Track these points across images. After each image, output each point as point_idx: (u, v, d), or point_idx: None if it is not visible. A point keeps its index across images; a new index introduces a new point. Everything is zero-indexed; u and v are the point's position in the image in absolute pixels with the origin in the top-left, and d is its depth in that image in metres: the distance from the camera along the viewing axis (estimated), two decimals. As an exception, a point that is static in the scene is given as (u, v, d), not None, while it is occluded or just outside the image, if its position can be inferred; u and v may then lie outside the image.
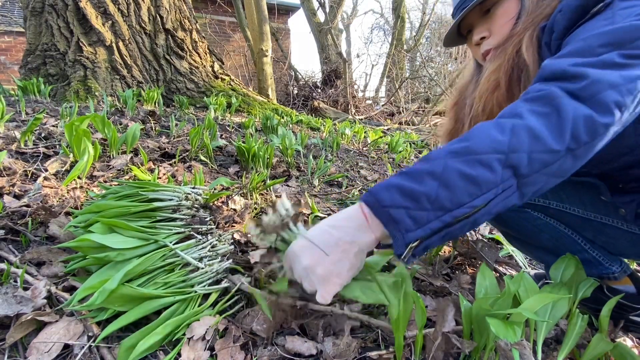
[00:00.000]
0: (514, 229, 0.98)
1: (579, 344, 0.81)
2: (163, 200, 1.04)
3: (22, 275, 0.79)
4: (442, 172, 0.53)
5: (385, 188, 0.55)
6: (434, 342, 0.72)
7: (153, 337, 0.70)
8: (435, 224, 0.53)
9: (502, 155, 0.52)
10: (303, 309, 0.85)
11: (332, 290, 0.58)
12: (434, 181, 0.53)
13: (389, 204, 0.54)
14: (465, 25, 0.91)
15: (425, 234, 0.53)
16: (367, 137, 4.00)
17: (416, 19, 16.26)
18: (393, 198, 0.54)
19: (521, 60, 0.75)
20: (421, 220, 0.53)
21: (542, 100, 0.55)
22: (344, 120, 6.00)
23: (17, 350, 0.68)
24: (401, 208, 0.53)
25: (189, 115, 3.26)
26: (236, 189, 1.59)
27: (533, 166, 0.52)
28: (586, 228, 0.90)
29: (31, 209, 1.08)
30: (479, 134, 0.55)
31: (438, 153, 0.55)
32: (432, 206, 0.52)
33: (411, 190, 0.53)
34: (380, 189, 0.56)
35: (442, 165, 0.53)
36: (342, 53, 8.72)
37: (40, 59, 3.49)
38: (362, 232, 0.56)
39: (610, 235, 0.87)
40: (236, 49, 10.18)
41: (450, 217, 0.52)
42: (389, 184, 0.55)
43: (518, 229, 0.98)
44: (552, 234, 0.93)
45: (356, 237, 0.56)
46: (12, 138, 1.67)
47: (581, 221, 0.89)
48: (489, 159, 0.52)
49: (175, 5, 4.06)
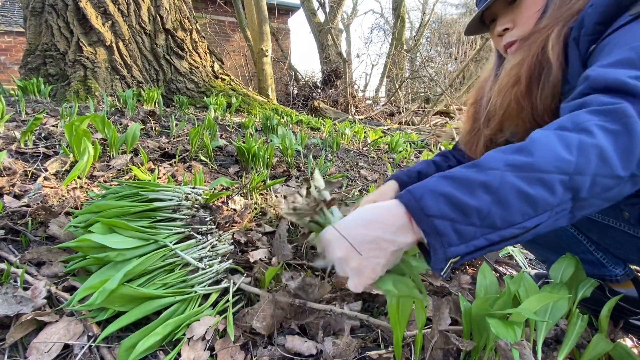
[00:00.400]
0: None
1: (579, 344, 0.81)
2: (163, 200, 1.04)
3: (22, 275, 0.79)
4: (498, 186, 0.48)
5: (432, 195, 0.50)
6: (431, 341, 0.72)
7: (153, 337, 0.70)
8: (481, 242, 0.49)
9: (566, 177, 0.48)
10: (303, 309, 0.85)
11: (365, 282, 0.55)
12: (488, 195, 0.48)
13: (434, 214, 0.49)
14: (489, 14, 0.88)
15: (468, 251, 0.50)
16: (367, 137, 4.00)
17: (416, 19, 16.26)
18: (440, 208, 0.49)
19: (545, 57, 0.72)
20: (467, 236, 0.49)
21: (612, 116, 0.50)
22: (344, 120, 6.00)
23: (17, 350, 0.68)
24: (447, 220, 0.49)
25: (189, 115, 3.26)
26: (236, 189, 1.59)
27: (594, 190, 0.49)
28: (592, 229, 0.89)
29: (31, 209, 1.08)
30: (542, 148, 0.50)
31: (494, 162, 0.51)
32: (481, 223, 0.48)
33: (461, 203, 0.49)
34: (425, 193, 0.51)
35: (499, 179, 0.49)
36: (342, 53, 8.72)
37: (40, 59, 3.49)
38: (404, 233, 0.52)
39: (615, 238, 0.86)
40: (236, 49, 10.17)
41: (498, 236, 0.49)
42: (436, 191, 0.50)
43: None
44: (558, 233, 0.93)
45: (397, 237, 0.52)
46: (12, 138, 1.67)
47: (588, 222, 0.88)
48: (552, 179, 0.48)
49: (175, 5, 4.06)
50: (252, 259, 1.08)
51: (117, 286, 0.72)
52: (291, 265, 1.13)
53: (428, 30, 13.01)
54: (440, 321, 0.77)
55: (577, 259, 0.87)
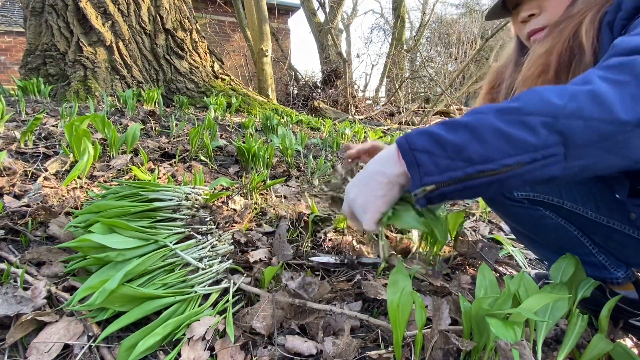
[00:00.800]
0: (523, 224, 0.96)
1: (579, 344, 0.81)
2: (163, 201, 1.04)
3: (22, 275, 0.79)
4: (478, 125, 0.51)
5: (419, 133, 0.56)
6: (431, 341, 0.72)
7: (153, 337, 0.70)
8: (456, 174, 0.52)
9: (550, 119, 0.48)
10: (303, 309, 0.85)
11: (372, 217, 0.62)
12: (467, 133, 0.52)
13: (416, 148, 0.54)
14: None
15: (443, 180, 0.53)
16: (367, 137, 4.00)
17: (416, 19, 16.26)
18: (423, 144, 0.54)
19: (576, 43, 0.69)
20: (443, 166, 0.53)
21: (620, 68, 0.49)
22: (344, 120, 6.00)
23: (17, 350, 0.68)
24: (426, 152, 0.53)
25: (189, 115, 3.26)
26: (236, 189, 1.59)
27: (589, 137, 0.47)
28: (596, 232, 0.88)
29: (31, 209, 1.08)
30: (533, 95, 0.51)
31: (485, 108, 0.53)
32: (457, 156, 0.52)
33: (441, 138, 0.53)
34: (415, 133, 0.56)
35: (481, 120, 0.52)
36: (342, 53, 8.72)
37: (40, 59, 3.49)
38: (392, 166, 0.59)
39: (619, 241, 0.85)
40: (236, 49, 10.17)
41: (474, 169, 0.51)
42: (425, 130, 0.56)
43: (527, 226, 0.96)
44: (560, 234, 0.92)
45: (386, 169, 0.60)
46: (12, 138, 1.67)
47: (592, 224, 0.87)
48: (534, 121, 0.48)
49: (175, 5, 4.06)
50: (252, 259, 1.08)
51: (117, 286, 0.72)
52: (291, 265, 1.13)
53: (428, 30, 13.01)
54: (440, 321, 0.77)
55: (577, 258, 0.87)
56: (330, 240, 1.29)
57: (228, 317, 0.79)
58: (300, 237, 1.29)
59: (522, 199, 0.88)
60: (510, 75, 0.91)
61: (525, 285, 0.79)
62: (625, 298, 0.92)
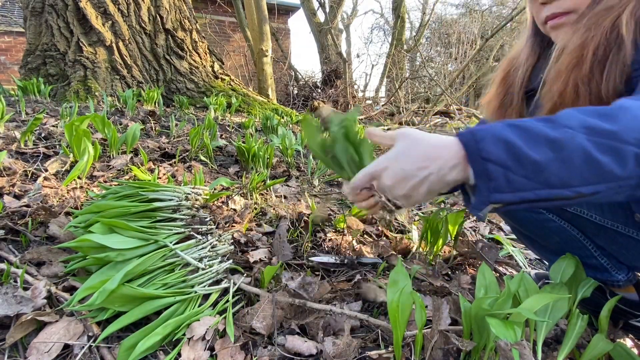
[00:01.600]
0: (526, 226, 0.95)
1: (579, 344, 0.81)
2: (163, 201, 1.04)
3: (22, 275, 0.79)
4: (565, 144, 0.46)
5: (493, 139, 0.49)
6: (431, 341, 0.72)
7: (153, 338, 0.70)
8: (529, 195, 0.47)
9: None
10: (303, 309, 0.85)
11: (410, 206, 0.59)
12: (551, 152, 0.46)
13: (489, 158, 0.48)
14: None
15: (514, 201, 0.48)
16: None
17: (416, 19, 16.25)
18: (498, 153, 0.48)
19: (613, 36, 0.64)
20: (517, 186, 0.47)
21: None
22: (344, 120, 5.99)
23: (17, 351, 0.68)
24: (501, 166, 0.47)
25: (189, 115, 3.26)
26: (236, 189, 1.59)
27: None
28: (600, 235, 0.87)
29: (31, 209, 1.08)
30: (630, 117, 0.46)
31: (571, 120, 0.48)
32: (535, 176, 0.47)
33: (520, 152, 0.47)
34: (486, 136, 0.49)
35: (570, 139, 0.46)
36: (342, 53, 8.72)
37: (40, 59, 3.49)
38: (453, 172, 0.52)
39: (623, 244, 0.84)
40: (236, 49, 10.17)
41: (548, 194, 0.47)
42: (499, 136, 0.48)
43: (529, 228, 0.95)
44: (563, 236, 0.91)
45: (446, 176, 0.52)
46: (12, 138, 1.67)
47: (596, 227, 0.86)
48: (628, 151, 0.44)
49: (175, 5, 4.06)
50: (252, 259, 1.08)
51: (117, 286, 0.72)
52: (291, 265, 1.13)
53: (428, 30, 13.02)
54: (440, 321, 0.77)
55: (577, 259, 0.87)
56: (330, 240, 1.29)
57: (228, 317, 0.79)
58: (300, 237, 1.29)
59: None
60: (525, 60, 0.87)
61: (525, 285, 0.79)
62: (625, 299, 0.92)
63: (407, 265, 1.17)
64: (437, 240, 1.20)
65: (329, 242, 1.28)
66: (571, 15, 0.71)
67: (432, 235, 1.20)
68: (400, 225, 1.53)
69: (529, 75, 0.87)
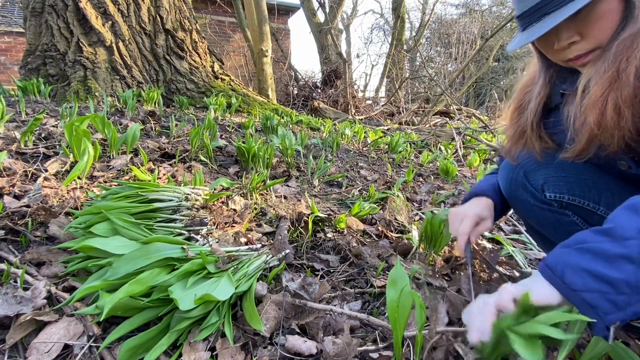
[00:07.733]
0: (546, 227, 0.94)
1: (579, 344, 0.81)
2: (163, 201, 1.04)
3: (22, 275, 0.79)
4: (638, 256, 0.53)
5: (573, 271, 0.56)
6: (429, 342, 0.72)
7: (158, 350, 0.69)
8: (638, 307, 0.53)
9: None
10: (303, 309, 0.85)
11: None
12: (631, 266, 0.53)
13: (581, 289, 0.55)
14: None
15: (627, 317, 0.54)
16: (367, 137, 4.00)
17: (416, 19, 16.26)
18: (586, 283, 0.54)
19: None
20: (621, 304, 0.53)
21: None
22: (344, 120, 6.00)
23: (17, 351, 0.68)
24: (596, 292, 0.54)
25: (189, 115, 3.26)
26: (236, 189, 1.59)
27: None
28: None
29: (31, 209, 1.08)
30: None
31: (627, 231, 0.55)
32: (632, 291, 0.53)
33: (606, 276, 0.53)
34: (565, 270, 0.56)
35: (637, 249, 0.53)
36: (342, 53, 8.72)
37: (40, 60, 3.49)
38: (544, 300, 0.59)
39: None
40: (236, 49, 10.18)
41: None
42: (576, 267, 0.56)
43: (550, 229, 0.93)
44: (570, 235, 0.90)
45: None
46: (12, 138, 1.67)
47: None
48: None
49: (175, 5, 4.06)
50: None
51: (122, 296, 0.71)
52: (291, 265, 1.13)
53: (428, 30, 13.02)
54: (438, 321, 0.77)
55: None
56: (331, 240, 1.29)
57: (227, 319, 0.79)
58: (300, 237, 1.29)
59: (552, 201, 0.86)
60: (539, 93, 0.88)
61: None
62: None
63: (407, 265, 1.17)
64: (437, 240, 1.20)
65: (329, 242, 1.28)
66: (596, 51, 0.73)
67: (432, 235, 1.20)
68: (400, 226, 1.53)
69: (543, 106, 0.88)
